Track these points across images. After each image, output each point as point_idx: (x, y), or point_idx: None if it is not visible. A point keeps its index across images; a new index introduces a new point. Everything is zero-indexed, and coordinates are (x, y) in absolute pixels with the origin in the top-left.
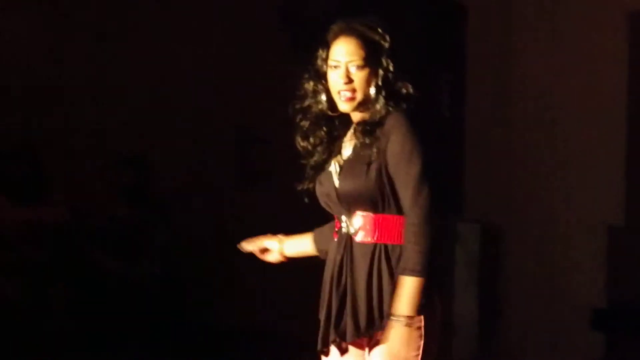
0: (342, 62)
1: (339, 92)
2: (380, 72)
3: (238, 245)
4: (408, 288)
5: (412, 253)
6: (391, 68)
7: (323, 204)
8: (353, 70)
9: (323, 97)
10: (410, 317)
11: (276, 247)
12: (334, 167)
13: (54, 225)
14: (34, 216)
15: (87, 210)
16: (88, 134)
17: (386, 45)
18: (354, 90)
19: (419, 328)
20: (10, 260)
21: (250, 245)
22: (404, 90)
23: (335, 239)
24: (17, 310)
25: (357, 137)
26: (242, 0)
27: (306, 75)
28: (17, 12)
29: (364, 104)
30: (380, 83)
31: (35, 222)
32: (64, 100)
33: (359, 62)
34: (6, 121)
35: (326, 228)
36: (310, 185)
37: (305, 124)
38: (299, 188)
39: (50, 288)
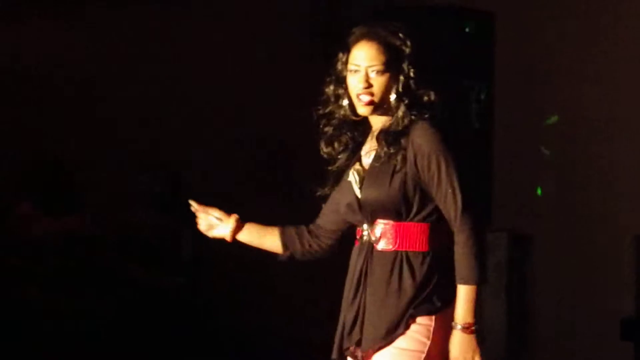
0: (362, 66)
1: (357, 96)
2: (401, 78)
3: (190, 200)
4: (464, 296)
5: (467, 261)
6: (412, 74)
7: (343, 214)
8: (373, 75)
9: (345, 102)
10: (469, 324)
11: (229, 223)
12: (352, 177)
13: (84, 236)
14: (64, 226)
15: (115, 220)
16: (118, 145)
17: (407, 50)
18: (372, 94)
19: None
20: (40, 270)
21: (200, 207)
22: (425, 98)
23: (356, 246)
24: (47, 319)
25: (380, 145)
26: (272, 11)
27: (327, 79)
28: (52, 24)
29: (385, 110)
30: (400, 89)
31: (65, 232)
32: (95, 111)
33: (379, 67)
34: (37, 132)
35: (293, 229)
36: (330, 192)
37: (329, 129)
38: (319, 194)
39: (79, 298)
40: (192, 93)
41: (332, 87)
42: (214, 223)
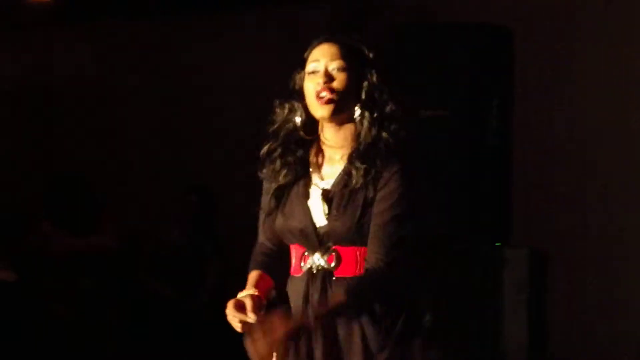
0: (322, 62)
1: (317, 95)
2: (365, 84)
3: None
4: (336, 297)
5: (359, 283)
6: (375, 80)
7: (289, 238)
8: (334, 72)
9: (297, 119)
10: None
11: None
12: (317, 202)
13: (109, 254)
14: (86, 245)
15: (142, 239)
16: (144, 164)
17: (369, 55)
18: (333, 92)
19: None
20: (66, 288)
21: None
22: (388, 108)
23: (298, 276)
24: (74, 338)
25: (353, 169)
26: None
27: (280, 101)
28: (77, 42)
29: (344, 118)
30: (364, 96)
31: (91, 251)
32: (120, 129)
33: (341, 64)
34: (62, 150)
35: (268, 262)
36: (272, 215)
37: (270, 149)
38: (264, 215)
39: (105, 316)
40: (225, 111)
41: (285, 105)
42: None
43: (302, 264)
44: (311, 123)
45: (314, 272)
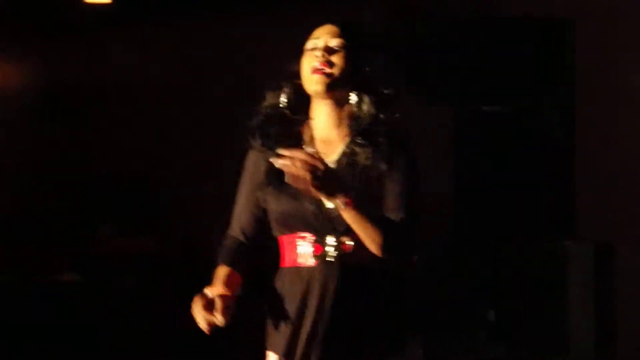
0: (322, 39)
1: (313, 71)
2: (364, 67)
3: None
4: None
5: (383, 224)
6: (375, 63)
7: (289, 225)
8: (335, 48)
9: (282, 96)
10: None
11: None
12: None
13: (161, 255)
14: (147, 248)
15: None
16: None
17: (368, 41)
18: (332, 65)
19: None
20: (118, 288)
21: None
22: (384, 92)
23: (304, 267)
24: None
25: (356, 151)
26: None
27: (275, 78)
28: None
29: (338, 99)
30: (362, 79)
31: (148, 253)
32: (173, 131)
33: (341, 42)
34: (119, 153)
35: (232, 250)
36: (275, 197)
37: (260, 120)
38: (245, 189)
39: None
40: None
41: (275, 85)
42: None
43: (311, 252)
44: (299, 104)
45: (328, 260)
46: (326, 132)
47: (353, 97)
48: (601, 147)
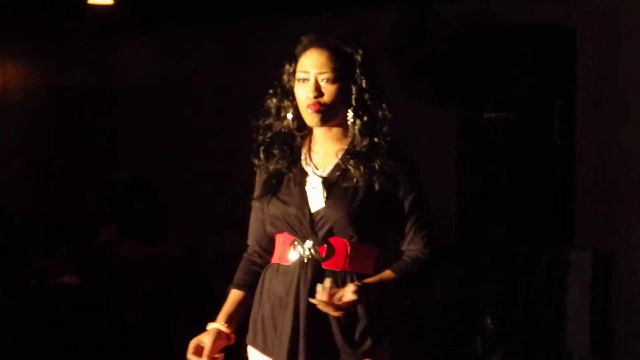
0: (312, 73)
1: (307, 107)
2: (353, 89)
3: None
4: (385, 278)
5: (410, 266)
6: (365, 85)
7: (278, 226)
8: (323, 83)
9: (289, 116)
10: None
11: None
12: (316, 188)
13: (173, 261)
14: (154, 252)
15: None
16: (204, 172)
17: (359, 59)
18: (322, 104)
19: None
20: (129, 294)
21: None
22: (380, 113)
23: (285, 265)
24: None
25: (348, 164)
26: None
27: (270, 92)
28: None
29: (335, 122)
30: (354, 102)
31: (154, 257)
32: (183, 138)
33: (330, 75)
34: (125, 156)
35: (249, 278)
36: (266, 202)
37: (265, 139)
38: (254, 203)
39: (171, 320)
40: None
41: (275, 100)
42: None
43: (291, 252)
44: (302, 120)
45: (305, 261)
46: (327, 145)
47: (350, 116)
48: (601, 155)
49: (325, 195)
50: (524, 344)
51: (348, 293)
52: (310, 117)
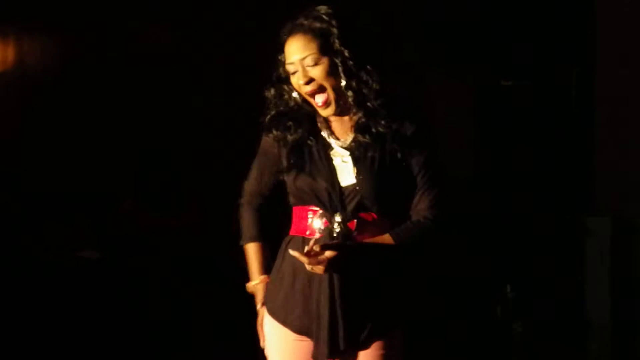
0: (296, 61)
1: (311, 97)
2: (338, 61)
3: None
4: (382, 241)
5: (411, 231)
6: (347, 54)
7: (304, 200)
8: (309, 68)
9: (294, 94)
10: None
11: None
12: (340, 160)
13: (193, 232)
14: (173, 224)
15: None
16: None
17: (335, 31)
18: (320, 89)
19: None
20: (149, 264)
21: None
22: (368, 78)
23: (312, 238)
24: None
25: (363, 141)
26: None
27: (268, 85)
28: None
29: (345, 102)
30: (342, 74)
31: (171, 229)
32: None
33: (310, 58)
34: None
35: (255, 225)
36: (293, 175)
37: (277, 111)
38: (257, 171)
39: (187, 289)
40: None
41: (272, 90)
42: None
43: (320, 226)
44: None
45: (334, 234)
46: (339, 121)
47: (343, 86)
48: (620, 122)
49: (354, 170)
50: (544, 312)
51: (327, 253)
52: (322, 111)
